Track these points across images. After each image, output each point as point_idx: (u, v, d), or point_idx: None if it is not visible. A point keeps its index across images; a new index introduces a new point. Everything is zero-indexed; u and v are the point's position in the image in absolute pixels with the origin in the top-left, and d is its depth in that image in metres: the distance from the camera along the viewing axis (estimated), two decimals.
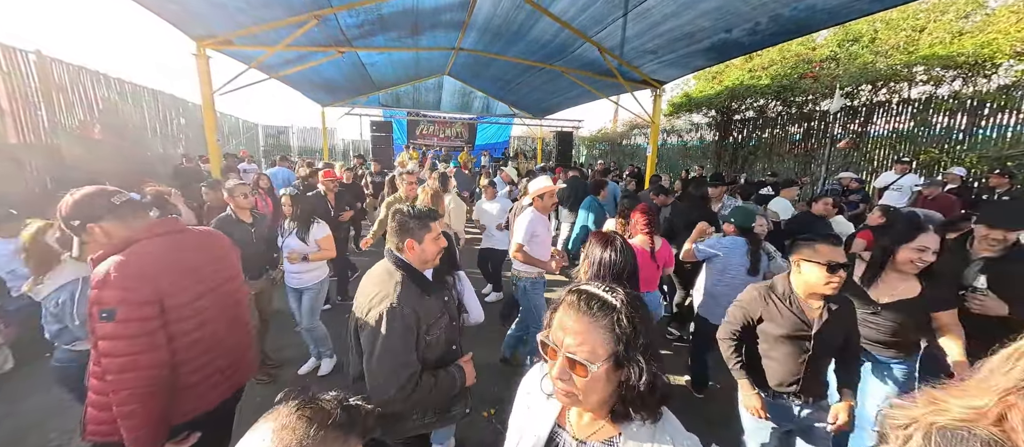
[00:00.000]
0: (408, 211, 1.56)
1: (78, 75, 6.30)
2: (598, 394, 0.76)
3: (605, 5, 5.37)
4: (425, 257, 1.54)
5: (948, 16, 7.04)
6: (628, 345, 0.74)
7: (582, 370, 0.73)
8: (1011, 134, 5.59)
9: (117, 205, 1.34)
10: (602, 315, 0.75)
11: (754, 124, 9.47)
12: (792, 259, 1.70)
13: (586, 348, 0.73)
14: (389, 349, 1.37)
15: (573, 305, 0.77)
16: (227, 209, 3.06)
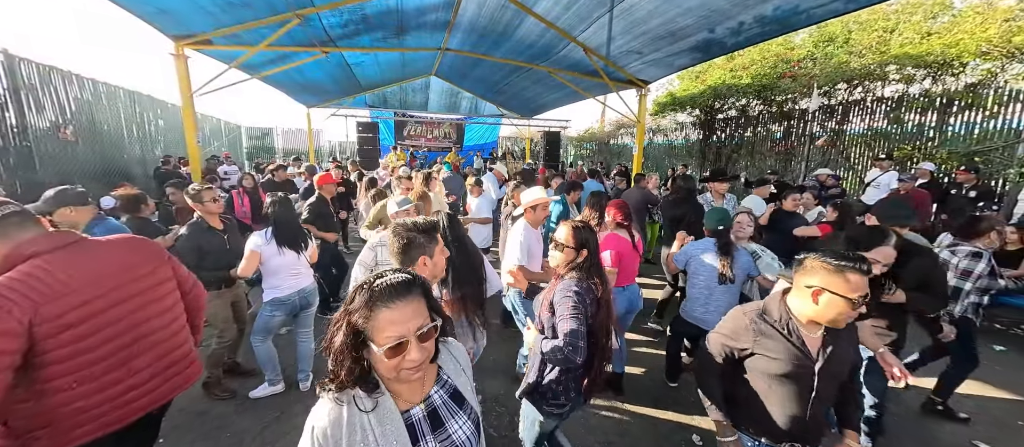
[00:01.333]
0: (412, 226, 1.47)
1: (49, 75, 6.08)
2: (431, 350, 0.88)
3: (589, 3, 5.42)
4: (437, 271, 1.51)
5: (916, 17, 7.31)
6: (429, 296, 0.89)
7: (428, 337, 0.85)
8: (978, 131, 5.83)
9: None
10: (413, 288, 0.86)
11: (737, 123, 9.67)
12: (800, 281, 1.35)
13: (422, 317, 0.85)
14: None
15: (390, 299, 0.82)
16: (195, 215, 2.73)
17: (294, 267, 2.72)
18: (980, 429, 2.67)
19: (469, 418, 0.97)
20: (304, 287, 2.79)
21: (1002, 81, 5.65)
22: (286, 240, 2.67)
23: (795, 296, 1.38)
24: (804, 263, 1.35)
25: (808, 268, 1.33)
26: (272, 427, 2.53)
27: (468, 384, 1.03)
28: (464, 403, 0.98)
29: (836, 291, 1.25)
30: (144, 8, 4.79)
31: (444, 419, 0.94)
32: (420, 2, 5.98)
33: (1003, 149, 5.54)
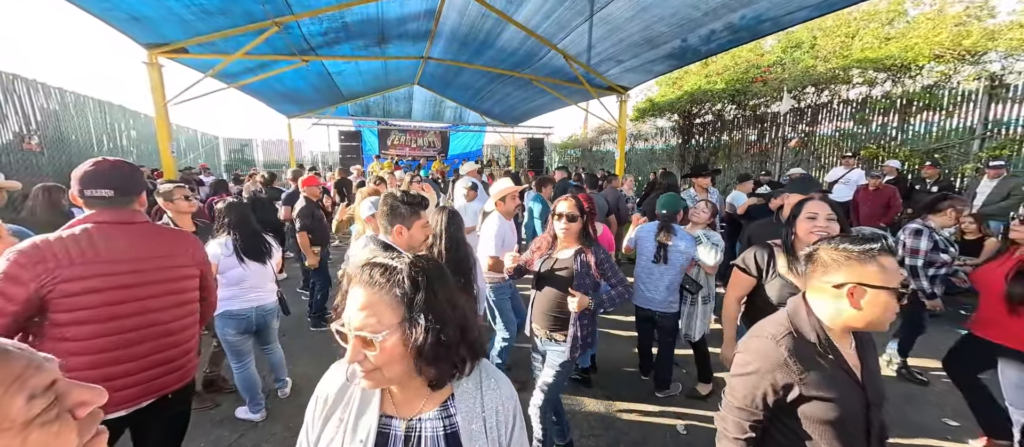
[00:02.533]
0: (400, 197, 1.60)
1: (12, 84, 5.85)
2: (399, 365, 0.72)
3: (568, 11, 5.56)
4: (412, 243, 1.59)
5: (875, 24, 7.76)
6: (410, 306, 0.71)
7: (371, 345, 0.70)
8: (936, 129, 6.17)
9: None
10: (384, 281, 0.72)
11: (714, 127, 9.98)
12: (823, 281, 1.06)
13: (371, 322, 0.70)
14: None
15: (358, 280, 0.74)
16: (164, 217, 2.62)
17: (256, 280, 2.44)
18: (948, 409, 2.78)
19: None
20: (264, 304, 2.49)
21: (955, 82, 6.01)
22: (247, 251, 2.40)
23: (820, 300, 1.07)
24: (817, 257, 1.08)
25: (827, 262, 1.05)
26: (248, 434, 2.44)
27: (480, 443, 0.79)
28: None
29: (877, 283, 0.98)
30: (116, 16, 4.69)
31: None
32: (401, 11, 6.02)
33: (959, 146, 5.86)
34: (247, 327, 2.47)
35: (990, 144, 5.55)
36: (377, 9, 5.76)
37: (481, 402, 0.81)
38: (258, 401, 2.59)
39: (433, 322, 0.71)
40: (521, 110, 12.01)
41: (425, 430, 0.79)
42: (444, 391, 0.81)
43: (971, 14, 6.43)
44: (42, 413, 0.40)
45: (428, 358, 0.72)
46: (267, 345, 2.71)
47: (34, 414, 0.39)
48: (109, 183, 1.37)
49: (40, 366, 0.41)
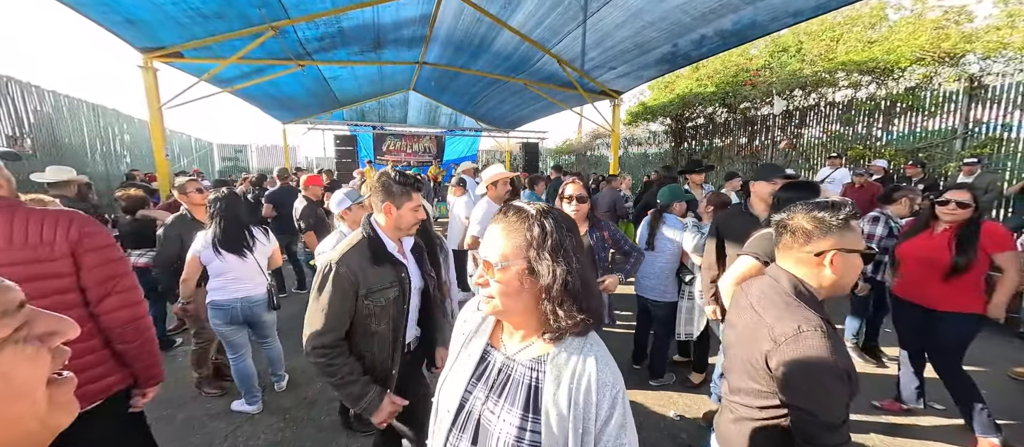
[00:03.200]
0: (395, 175, 1.57)
1: (6, 86, 5.84)
2: (515, 300, 0.78)
3: (561, 17, 5.68)
4: (401, 223, 1.56)
5: (858, 28, 7.99)
6: (539, 249, 0.76)
7: (494, 270, 0.78)
8: (920, 130, 6.34)
9: None
10: (517, 221, 0.79)
11: (705, 130, 10.15)
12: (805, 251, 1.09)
13: (497, 250, 0.79)
14: (320, 306, 1.39)
15: (496, 218, 0.84)
16: (181, 209, 2.75)
17: (240, 272, 2.45)
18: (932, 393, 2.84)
19: (522, 429, 0.77)
20: (251, 296, 2.49)
21: (937, 84, 6.20)
22: (224, 242, 2.41)
23: (802, 269, 1.09)
24: (797, 226, 1.09)
25: (810, 231, 1.06)
26: (243, 427, 2.44)
27: (560, 408, 0.76)
28: (529, 413, 0.78)
29: (852, 247, 1.03)
30: (111, 19, 4.71)
31: (503, 395, 0.82)
32: (396, 16, 6.11)
33: (943, 145, 6.02)
34: (233, 318, 2.48)
35: (971, 143, 5.72)
36: (373, 14, 5.84)
37: (572, 371, 0.78)
38: (254, 394, 2.60)
39: (558, 265, 0.75)
40: (516, 115, 12.12)
41: (515, 372, 0.83)
42: (547, 346, 0.81)
43: (949, 18, 6.65)
44: (13, 333, 0.37)
45: (552, 299, 0.76)
46: (265, 339, 2.72)
47: (6, 334, 0.36)
48: None
49: (6, 287, 0.38)
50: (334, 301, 1.39)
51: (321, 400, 2.72)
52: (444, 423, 0.87)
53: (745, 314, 1.17)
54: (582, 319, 0.78)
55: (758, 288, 1.17)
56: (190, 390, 2.83)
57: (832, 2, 4.46)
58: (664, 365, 2.98)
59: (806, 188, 1.82)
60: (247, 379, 2.57)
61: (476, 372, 0.87)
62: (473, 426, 0.83)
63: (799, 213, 1.11)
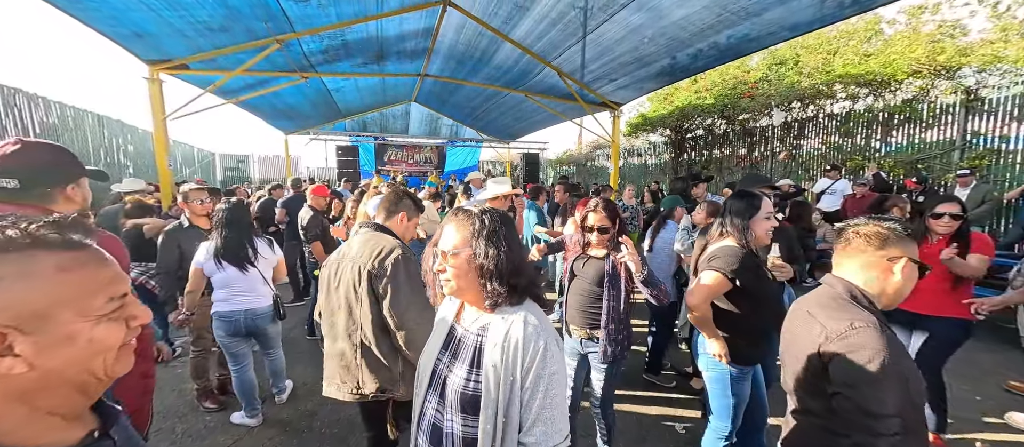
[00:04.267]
0: (408, 192, 1.80)
1: (13, 97, 5.91)
2: (465, 279, 1.00)
3: (561, 33, 5.77)
4: (407, 234, 1.74)
5: (854, 42, 8.11)
6: (478, 237, 0.99)
7: (448, 257, 1.00)
8: (918, 141, 6.39)
9: None
10: (465, 219, 1.03)
11: (705, 142, 10.22)
12: (880, 257, 1.12)
13: (450, 241, 1.02)
14: (413, 288, 1.50)
15: (448, 218, 1.07)
16: (182, 216, 2.76)
17: (244, 284, 2.44)
18: None
19: (467, 380, 0.98)
20: (255, 308, 2.47)
21: (933, 96, 6.27)
22: (226, 255, 2.40)
23: (869, 274, 1.13)
24: (872, 232, 1.13)
25: (886, 236, 1.12)
26: (243, 440, 2.41)
27: (495, 363, 0.95)
28: (474, 368, 0.99)
29: (918, 259, 1.12)
30: (119, 32, 4.79)
31: (458, 357, 1.04)
32: (400, 29, 6.21)
33: (941, 157, 6.06)
34: (236, 330, 2.46)
35: (969, 154, 5.76)
36: (377, 27, 5.94)
37: (506, 331, 0.97)
38: (254, 406, 2.57)
39: (490, 249, 0.98)
40: (517, 126, 12.22)
41: (467, 339, 1.04)
42: (492, 315, 1.02)
43: (944, 32, 6.76)
44: (112, 312, 0.55)
45: (488, 276, 0.98)
46: (269, 351, 2.70)
47: (108, 311, 0.54)
48: (12, 171, 1.15)
49: (123, 279, 0.57)
50: (421, 286, 1.49)
51: (321, 412, 2.70)
52: (422, 386, 1.09)
53: (799, 320, 1.24)
54: (511, 290, 0.99)
55: (814, 297, 1.23)
56: (190, 402, 2.80)
57: (828, 17, 4.54)
58: (659, 361, 3.13)
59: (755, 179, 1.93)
60: (248, 391, 2.55)
61: (444, 344, 1.09)
62: (440, 385, 1.05)
63: (871, 221, 1.17)
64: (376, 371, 1.56)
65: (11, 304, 0.47)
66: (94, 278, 0.53)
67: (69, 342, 0.50)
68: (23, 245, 0.49)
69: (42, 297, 0.48)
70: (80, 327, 0.51)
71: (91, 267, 0.53)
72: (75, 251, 0.53)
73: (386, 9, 5.33)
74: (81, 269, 0.52)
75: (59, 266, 0.50)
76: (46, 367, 0.49)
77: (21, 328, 0.47)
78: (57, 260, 0.50)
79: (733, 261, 1.70)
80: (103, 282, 0.54)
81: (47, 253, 0.50)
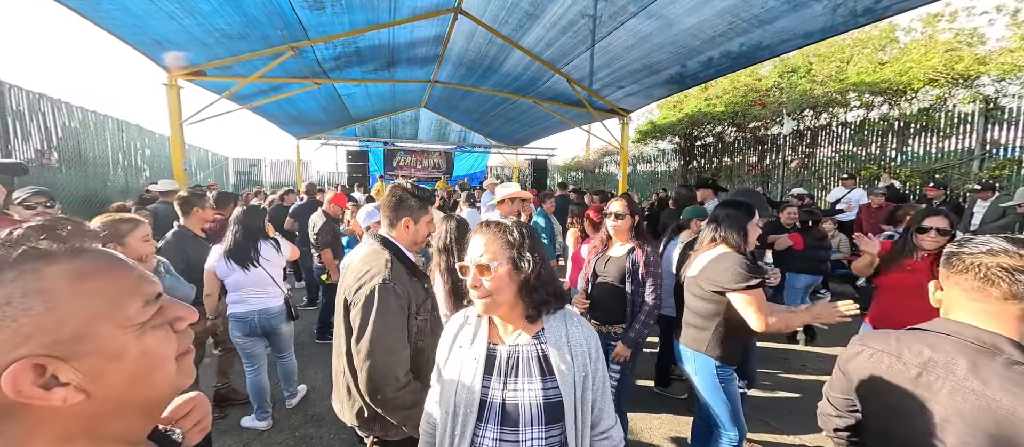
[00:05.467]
0: (409, 189, 1.53)
1: (38, 102, 6.10)
2: (505, 292, 0.98)
3: (571, 40, 5.80)
4: (417, 238, 1.53)
5: (868, 50, 8.01)
6: (519, 249, 0.99)
7: (488, 271, 0.96)
8: (935, 150, 6.26)
9: None
10: (499, 231, 1.02)
11: (714, 149, 10.14)
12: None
13: (488, 254, 0.98)
14: (381, 332, 1.27)
15: (479, 231, 1.05)
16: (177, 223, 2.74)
17: (255, 284, 2.50)
18: None
19: (545, 389, 0.97)
20: (268, 308, 2.53)
21: (951, 105, 6.15)
22: (233, 256, 2.46)
23: (1009, 326, 0.83)
24: (1009, 269, 0.82)
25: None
26: (253, 444, 2.43)
27: (566, 364, 0.98)
28: (547, 376, 0.98)
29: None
30: (140, 39, 4.93)
31: (518, 373, 1.00)
32: (411, 36, 6.29)
33: (959, 167, 5.93)
34: (251, 330, 2.53)
35: (989, 164, 5.62)
36: (388, 35, 6.03)
37: (566, 335, 1.01)
38: (265, 409, 2.60)
39: (535, 260, 0.99)
40: (525, 132, 12.26)
41: (523, 352, 1.01)
42: (537, 325, 1.02)
43: (962, 40, 6.64)
44: (152, 317, 0.48)
45: (531, 287, 0.99)
46: (281, 354, 2.73)
47: (148, 317, 0.47)
48: None
49: (150, 279, 0.50)
50: (400, 324, 1.31)
51: (330, 416, 2.70)
52: (468, 423, 0.99)
53: (957, 397, 0.83)
54: (555, 298, 1.03)
55: (964, 361, 0.84)
56: None
57: (841, 25, 4.49)
58: (667, 373, 3.12)
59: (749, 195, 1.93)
60: (260, 393, 2.58)
61: (487, 369, 1.01)
62: (498, 411, 0.98)
63: (996, 252, 0.84)
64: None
65: (37, 329, 0.40)
66: (119, 283, 0.46)
67: (118, 360, 0.44)
68: (15, 261, 0.41)
69: (71, 314, 0.41)
70: (125, 341, 0.45)
71: (111, 271, 0.46)
72: (82, 256, 0.45)
73: (398, 17, 5.41)
74: (100, 275, 0.45)
75: (72, 274, 0.43)
76: (103, 393, 0.43)
77: (58, 355, 0.41)
78: (66, 269, 0.43)
79: (746, 269, 1.72)
80: (130, 285, 0.46)
81: (49, 263, 0.42)
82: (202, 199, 2.76)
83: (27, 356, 0.39)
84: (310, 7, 4.72)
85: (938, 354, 0.88)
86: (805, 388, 3.18)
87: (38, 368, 0.40)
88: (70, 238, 0.45)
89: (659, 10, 4.64)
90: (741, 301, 1.71)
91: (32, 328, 0.40)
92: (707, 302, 1.83)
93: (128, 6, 4.21)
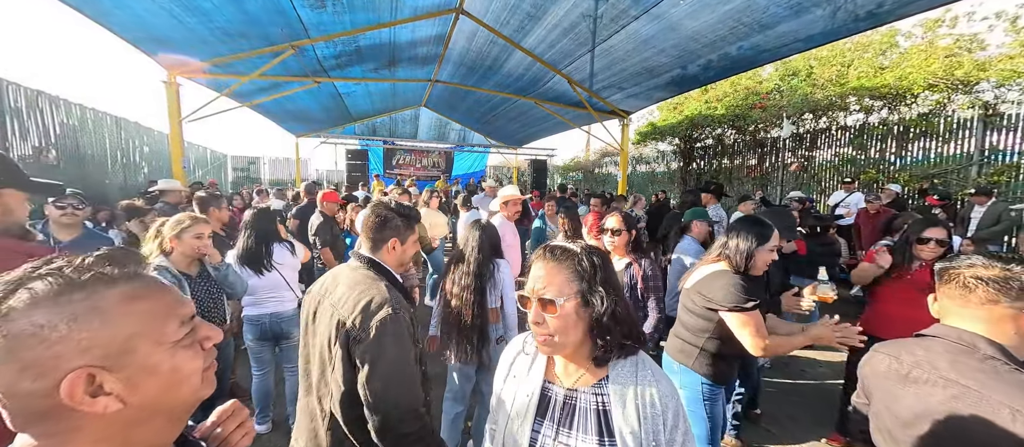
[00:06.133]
0: (393, 207, 1.41)
1: (36, 99, 6.06)
2: (571, 334, 0.83)
3: (572, 42, 5.80)
4: (404, 259, 1.41)
5: (869, 54, 8.04)
6: (590, 282, 0.83)
7: (552, 308, 0.82)
8: (934, 156, 6.29)
9: None
10: (565, 258, 0.85)
11: (714, 151, 10.16)
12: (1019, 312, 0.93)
13: (553, 287, 0.83)
14: (396, 360, 1.16)
15: (541, 256, 0.88)
16: None
17: (266, 288, 2.48)
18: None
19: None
20: (280, 311, 2.50)
21: (950, 110, 6.17)
22: (246, 261, 2.44)
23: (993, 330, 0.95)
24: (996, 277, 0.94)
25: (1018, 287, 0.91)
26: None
27: (631, 428, 0.81)
28: (605, 437, 0.82)
29: None
30: (140, 37, 4.91)
31: (573, 425, 0.85)
32: (412, 35, 6.28)
33: (958, 172, 5.96)
34: (263, 333, 2.51)
35: (987, 170, 5.65)
36: (390, 34, 6.02)
37: (635, 389, 0.84)
38: (267, 413, 2.61)
39: (609, 296, 0.82)
40: (525, 132, 12.26)
41: (581, 400, 0.86)
42: (602, 371, 0.86)
43: (962, 46, 6.67)
44: (184, 337, 0.54)
45: (603, 327, 0.82)
46: (290, 364, 2.61)
47: (181, 336, 0.54)
48: None
49: (186, 301, 0.57)
50: (413, 354, 1.21)
51: None
52: None
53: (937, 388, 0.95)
54: (631, 343, 0.86)
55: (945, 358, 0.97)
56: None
57: (841, 30, 4.50)
58: None
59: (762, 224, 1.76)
60: (265, 397, 2.59)
61: (539, 410, 0.89)
62: None
63: (996, 266, 0.95)
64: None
65: (94, 343, 0.46)
66: (162, 305, 0.53)
67: (153, 373, 0.50)
68: (85, 282, 0.48)
69: (120, 331, 0.48)
70: (160, 357, 0.51)
71: (156, 295, 0.53)
72: (136, 281, 0.52)
73: (399, 17, 5.40)
74: (148, 298, 0.52)
75: (126, 297, 0.50)
76: (137, 402, 0.49)
77: (108, 367, 0.47)
78: (122, 292, 0.50)
79: (742, 290, 1.61)
80: (170, 307, 0.53)
81: (109, 287, 0.49)
82: (219, 200, 2.77)
83: (82, 366, 0.46)
84: (311, 6, 4.70)
85: (929, 354, 1.01)
86: (804, 394, 3.19)
87: (90, 377, 0.46)
88: (127, 264, 0.52)
89: (661, 13, 4.64)
90: (735, 322, 1.62)
91: (90, 342, 0.46)
92: (698, 317, 1.75)
93: (129, 3, 4.19)
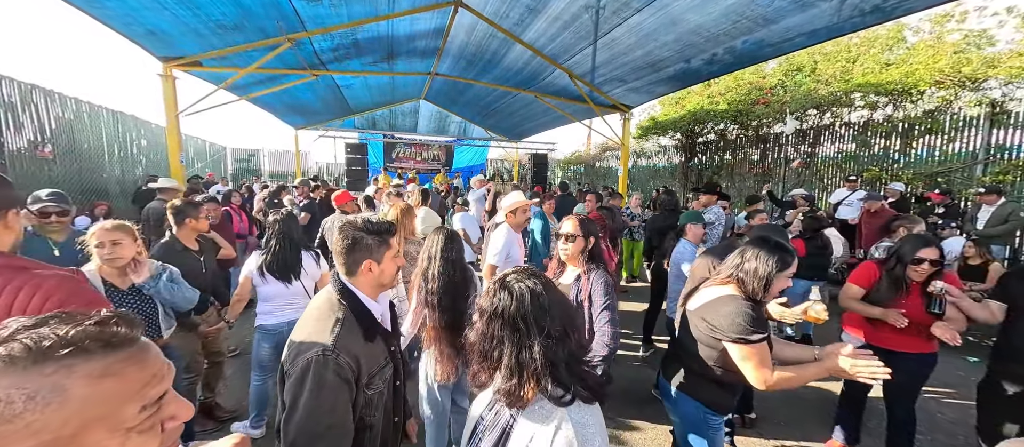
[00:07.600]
0: (362, 225, 1.29)
1: (30, 93, 6.00)
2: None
3: (573, 35, 5.69)
4: (383, 279, 1.29)
5: (875, 50, 7.89)
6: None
7: None
8: (939, 153, 6.21)
9: None
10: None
11: (716, 146, 10.07)
12: None
13: None
14: (313, 410, 1.07)
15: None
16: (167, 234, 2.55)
17: (286, 297, 2.41)
18: (959, 438, 2.72)
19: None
20: (297, 320, 2.45)
21: (957, 108, 6.07)
22: (272, 266, 2.37)
23: None
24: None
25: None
26: None
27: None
28: None
29: None
30: (133, 30, 4.83)
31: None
32: (411, 29, 6.18)
33: (963, 170, 5.88)
34: (279, 342, 2.39)
35: (993, 168, 5.57)
36: (388, 27, 5.92)
37: (542, 418, 0.90)
38: (263, 417, 2.58)
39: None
40: (525, 126, 12.16)
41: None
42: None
43: (970, 42, 6.54)
44: (143, 422, 0.50)
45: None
46: None
47: (138, 422, 0.49)
48: None
49: (164, 377, 0.52)
50: (341, 403, 1.11)
51: None
52: None
53: None
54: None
55: None
56: None
57: (847, 25, 4.41)
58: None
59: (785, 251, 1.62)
60: (263, 402, 2.54)
61: None
62: None
63: None
64: None
65: (45, 426, 0.43)
66: (129, 385, 0.49)
67: None
68: (60, 356, 0.45)
69: (75, 415, 0.45)
70: (109, 443, 0.47)
71: (129, 371, 0.49)
72: (114, 354, 0.48)
73: (397, 9, 5.30)
74: (117, 375, 0.48)
75: (94, 375, 0.46)
76: None
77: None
78: (93, 367, 0.46)
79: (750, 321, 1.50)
80: (138, 388, 0.49)
81: (85, 362, 0.46)
82: (196, 209, 2.59)
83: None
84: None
85: None
86: (798, 396, 3.17)
87: None
88: (116, 327, 0.49)
89: (664, 7, 4.54)
90: (738, 353, 1.51)
91: (42, 425, 0.43)
92: (702, 344, 1.62)
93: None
